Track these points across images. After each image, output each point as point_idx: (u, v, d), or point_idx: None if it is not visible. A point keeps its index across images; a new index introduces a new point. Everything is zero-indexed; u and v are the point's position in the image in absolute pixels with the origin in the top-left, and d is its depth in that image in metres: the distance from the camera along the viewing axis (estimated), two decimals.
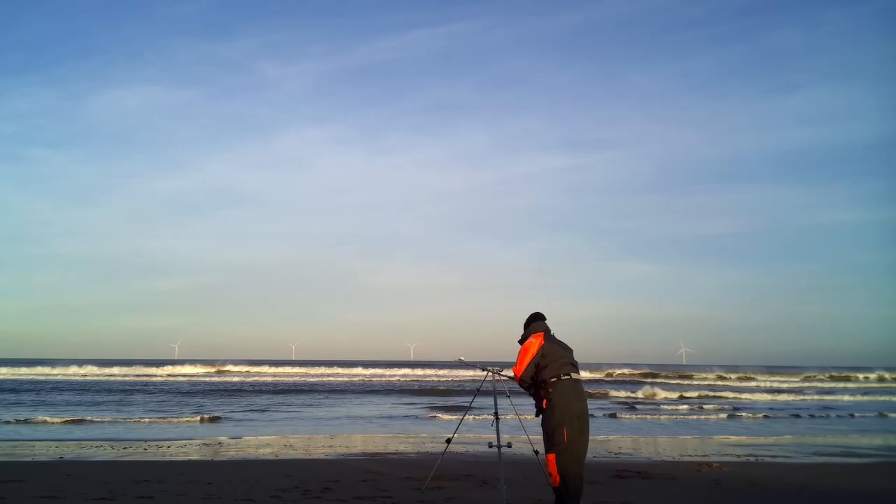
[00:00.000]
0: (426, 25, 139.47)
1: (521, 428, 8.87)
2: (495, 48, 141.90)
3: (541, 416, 5.74)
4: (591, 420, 5.87)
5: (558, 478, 5.51)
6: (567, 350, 5.89)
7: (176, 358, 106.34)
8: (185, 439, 14.18)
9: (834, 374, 59.91)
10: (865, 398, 33.66)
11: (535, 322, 6.11)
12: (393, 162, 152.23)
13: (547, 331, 6.02)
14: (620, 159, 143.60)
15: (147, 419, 18.73)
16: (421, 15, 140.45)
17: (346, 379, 47.04)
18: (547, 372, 5.71)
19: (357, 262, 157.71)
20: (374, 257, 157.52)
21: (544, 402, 5.70)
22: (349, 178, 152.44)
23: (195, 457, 11.41)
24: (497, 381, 7.31)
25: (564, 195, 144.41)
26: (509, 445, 6.95)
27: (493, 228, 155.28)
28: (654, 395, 31.88)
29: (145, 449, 12.43)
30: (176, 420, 18.78)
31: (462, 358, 7.79)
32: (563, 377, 5.69)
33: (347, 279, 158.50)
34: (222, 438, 14.51)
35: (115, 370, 53.19)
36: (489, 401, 7.34)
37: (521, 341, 6.03)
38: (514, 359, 6.20)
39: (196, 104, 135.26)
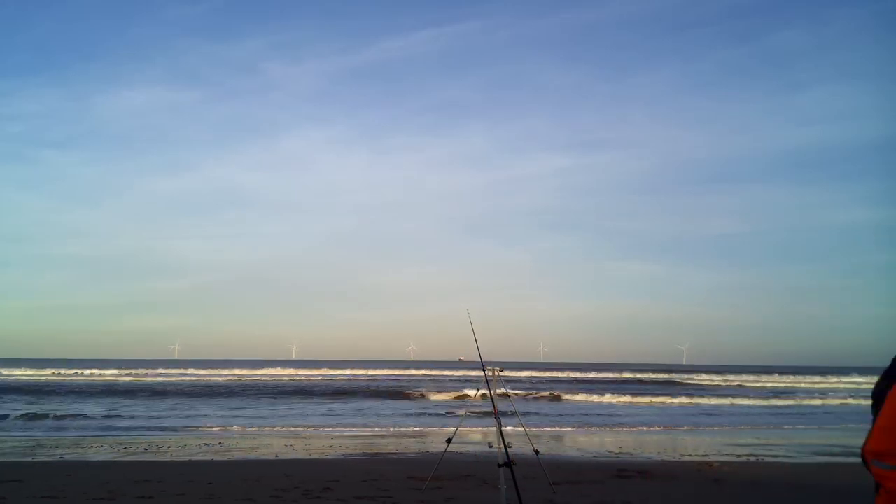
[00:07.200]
0: (429, 26, 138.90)
1: (520, 428, 8.87)
2: (497, 49, 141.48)
3: None
4: None
5: None
6: None
7: (176, 358, 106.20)
8: None
9: None
10: None
11: None
12: (395, 162, 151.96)
13: None
14: (622, 159, 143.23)
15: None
16: (424, 16, 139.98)
17: (346, 379, 47.00)
18: None
19: (357, 262, 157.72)
20: (375, 257, 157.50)
21: None
22: (351, 178, 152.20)
23: (195, 457, 11.40)
24: (497, 381, 7.29)
25: (565, 195, 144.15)
26: (510, 445, 6.92)
27: (493, 228, 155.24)
28: None
29: (145, 449, 12.43)
30: None
31: (462, 358, 7.79)
32: None
33: (348, 279, 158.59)
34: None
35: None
36: (489, 401, 7.33)
37: None
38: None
39: (201, 105, 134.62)
